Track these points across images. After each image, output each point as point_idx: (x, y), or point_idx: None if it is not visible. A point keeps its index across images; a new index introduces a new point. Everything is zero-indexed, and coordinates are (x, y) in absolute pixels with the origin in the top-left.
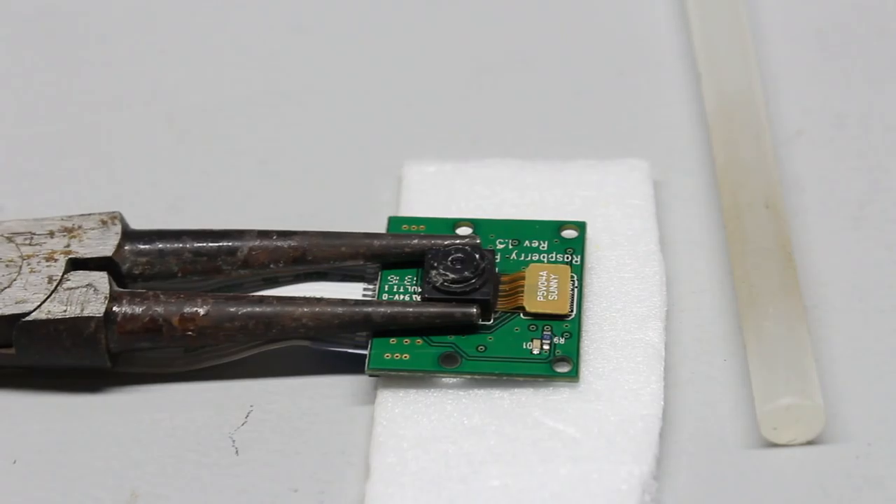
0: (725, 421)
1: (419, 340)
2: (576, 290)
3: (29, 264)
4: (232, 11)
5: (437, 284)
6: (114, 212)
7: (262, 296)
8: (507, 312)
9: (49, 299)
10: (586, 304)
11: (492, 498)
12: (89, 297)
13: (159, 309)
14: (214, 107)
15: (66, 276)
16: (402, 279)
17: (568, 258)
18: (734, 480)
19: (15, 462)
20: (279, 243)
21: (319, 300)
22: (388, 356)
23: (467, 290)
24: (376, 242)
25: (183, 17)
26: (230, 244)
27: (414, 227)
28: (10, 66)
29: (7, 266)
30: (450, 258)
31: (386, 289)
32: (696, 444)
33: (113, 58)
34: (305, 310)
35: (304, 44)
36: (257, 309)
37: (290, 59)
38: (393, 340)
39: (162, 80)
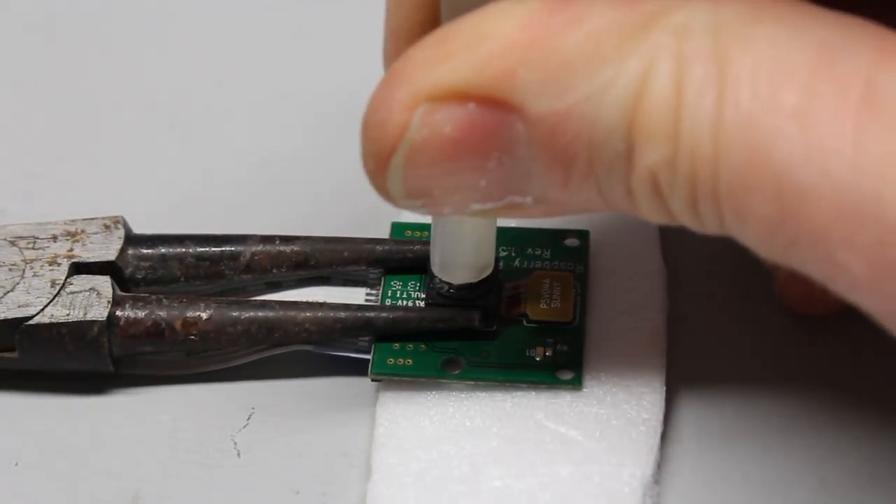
0: (728, 425)
1: (422, 346)
2: (578, 297)
3: (32, 268)
4: (234, 13)
5: (441, 290)
6: (116, 216)
7: (265, 300)
8: (511, 319)
9: (52, 303)
10: (589, 311)
11: (493, 499)
12: (92, 301)
13: (162, 313)
14: (217, 110)
15: (69, 280)
16: (405, 284)
17: (571, 266)
18: (736, 484)
19: (17, 464)
20: (282, 248)
21: (322, 305)
22: (390, 361)
23: (470, 296)
24: (379, 247)
25: (185, 20)
26: (233, 249)
27: (417, 233)
28: (12, 69)
29: (10, 270)
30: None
31: (389, 294)
32: (697, 448)
33: (115, 61)
34: (308, 314)
35: (308, 46)
36: (260, 313)
37: (292, 61)
38: (396, 345)
39: (164, 84)
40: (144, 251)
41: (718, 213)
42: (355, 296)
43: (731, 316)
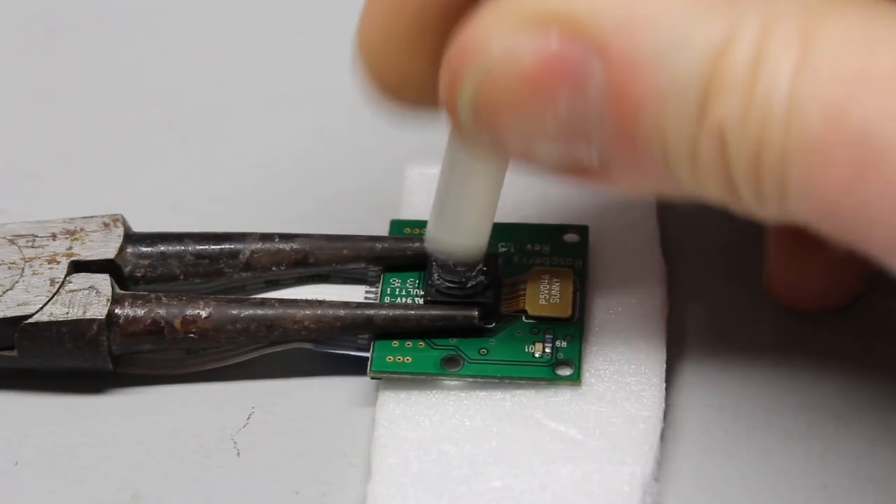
0: (727, 423)
1: (421, 343)
2: (578, 293)
3: (31, 266)
4: (233, 13)
5: (440, 287)
6: (116, 214)
7: (264, 298)
8: (510, 315)
9: (51, 301)
10: (588, 307)
11: (493, 499)
12: (91, 299)
13: (161, 311)
14: (216, 109)
15: (68, 278)
16: (404, 282)
17: (570, 261)
18: (736, 483)
19: (17, 463)
20: (281, 246)
21: (321, 303)
22: (390, 359)
23: (470, 293)
24: (378, 245)
25: (184, 20)
26: (232, 247)
27: (416, 230)
28: (12, 69)
29: (9, 268)
30: (452, 261)
31: (388, 291)
32: (697, 446)
33: (115, 60)
34: (307, 312)
35: (306, 46)
36: (259, 311)
37: (291, 61)
38: (395, 343)
39: (164, 83)
40: (144, 249)
41: (783, 176)
42: (355, 293)
43: (731, 313)
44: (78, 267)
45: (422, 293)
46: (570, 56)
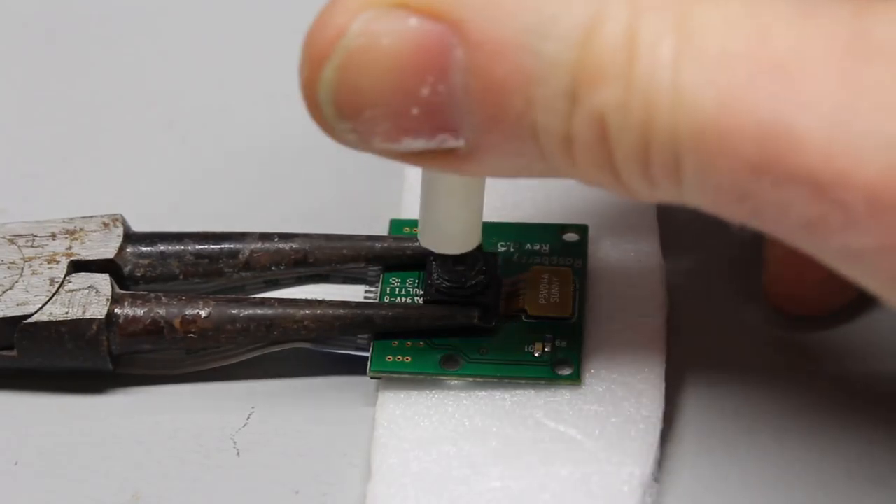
0: (727, 423)
1: (421, 343)
2: (577, 292)
3: (31, 266)
4: (233, 13)
5: (439, 287)
6: (115, 214)
7: (264, 298)
8: (509, 315)
9: (51, 301)
10: (588, 307)
11: (493, 499)
12: (91, 299)
13: (161, 311)
14: (216, 109)
15: (67, 278)
16: (403, 282)
17: (570, 261)
18: (736, 483)
19: (17, 463)
20: (281, 245)
21: (321, 302)
22: (389, 359)
23: (469, 293)
24: (378, 245)
25: (184, 20)
26: (232, 246)
27: (416, 230)
28: (12, 69)
29: (9, 268)
30: (451, 260)
31: (388, 291)
32: (697, 446)
33: (115, 60)
34: (307, 312)
35: None
36: (259, 311)
37: (291, 60)
38: (395, 343)
39: (163, 83)
40: (143, 249)
41: (676, 164)
42: (354, 293)
43: (731, 313)
44: (78, 267)
45: (421, 293)
46: (429, 40)
